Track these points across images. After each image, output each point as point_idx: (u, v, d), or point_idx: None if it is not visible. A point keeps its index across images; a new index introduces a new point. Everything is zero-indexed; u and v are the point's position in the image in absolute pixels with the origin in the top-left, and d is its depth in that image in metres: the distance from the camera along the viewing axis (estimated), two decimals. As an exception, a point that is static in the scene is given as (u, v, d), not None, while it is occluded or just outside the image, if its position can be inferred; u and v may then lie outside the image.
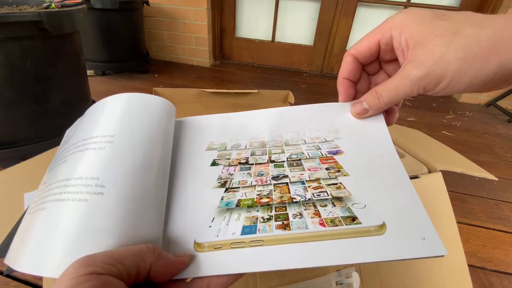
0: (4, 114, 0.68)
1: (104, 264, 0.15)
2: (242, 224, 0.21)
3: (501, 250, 0.64)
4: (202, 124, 0.31)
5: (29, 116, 0.71)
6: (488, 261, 0.61)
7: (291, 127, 0.30)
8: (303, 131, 0.29)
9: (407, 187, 0.23)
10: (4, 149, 0.70)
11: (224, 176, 0.25)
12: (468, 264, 0.36)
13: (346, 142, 0.27)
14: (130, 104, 0.26)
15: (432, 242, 0.19)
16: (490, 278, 0.58)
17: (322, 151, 0.27)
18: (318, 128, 0.29)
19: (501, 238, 0.68)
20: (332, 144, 0.27)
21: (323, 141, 0.28)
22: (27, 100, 0.70)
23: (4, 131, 0.70)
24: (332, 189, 0.23)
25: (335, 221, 0.21)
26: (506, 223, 0.72)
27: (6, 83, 0.65)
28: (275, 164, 0.26)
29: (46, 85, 0.72)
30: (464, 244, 0.37)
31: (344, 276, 0.32)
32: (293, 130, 0.30)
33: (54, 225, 0.18)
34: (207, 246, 0.20)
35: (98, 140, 0.22)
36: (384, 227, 0.20)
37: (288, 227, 0.20)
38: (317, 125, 0.30)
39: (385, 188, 0.23)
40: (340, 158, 0.26)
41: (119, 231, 0.18)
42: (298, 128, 0.30)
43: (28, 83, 0.68)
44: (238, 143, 0.29)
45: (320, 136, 0.29)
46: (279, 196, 0.23)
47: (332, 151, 0.27)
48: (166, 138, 0.26)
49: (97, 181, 0.19)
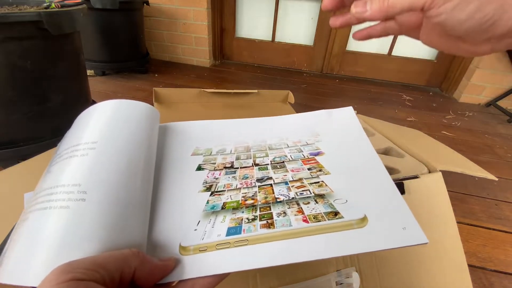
0: (4, 114, 0.68)
1: (86, 270, 0.14)
2: (227, 226, 0.21)
3: (501, 250, 0.64)
4: (187, 129, 0.32)
5: (29, 116, 0.71)
6: (488, 261, 0.61)
7: (274, 133, 0.32)
8: (286, 136, 0.31)
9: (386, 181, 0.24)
10: (4, 149, 0.70)
11: (210, 180, 0.25)
12: (468, 264, 0.36)
13: (326, 144, 0.29)
14: (113, 111, 0.27)
15: (413, 231, 0.20)
16: (490, 278, 0.58)
17: (304, 153, 0.28)
18: (300, 133, 0.31)
19: (501, 238, 0.67)
20: (313, 146, 0.29)
21: (304, 144, 0.29)
22: (27, 100, 0.70)
23: (4, 131, 0.70)
24: (315, 187, 0.24)
25: (318, 217, 0.21)
26: (506, 223, 0.72)
27: (6, 83, 0.65)
28: (259, 167, 0.27)
29: (46, 85, 0.72)
30: (464, 244, 0.37)
31: (344, 276, 0.32)
32: (277, 135, 0.31)
33: (37, 234, 0.18)
34: (192, 249, 0.20)
35: (81, 147, 0.22)
36: (365, 220, 0.21)
37: (272, 226, 0.21)
38: (299, 131, 0.32)
39: (364, 183, 0.24)
40: (321, 159, 0.27)
41: (102, 237, 0.18)
42: (281, 134, 0.32)
43: (28, 83, 0.68)
44: (224, 148, 0.29)
45: (302, 140, 0.30)
46: (263, 197, 0.23)
47: (314, 152, 0.28)
48: (150, 143, 0.26)
49: (79, 188, 0.19)
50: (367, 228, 0.20)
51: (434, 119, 1.32)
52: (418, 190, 0.36)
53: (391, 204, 0.22)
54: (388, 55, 1.69)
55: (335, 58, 1.77)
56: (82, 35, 0.85)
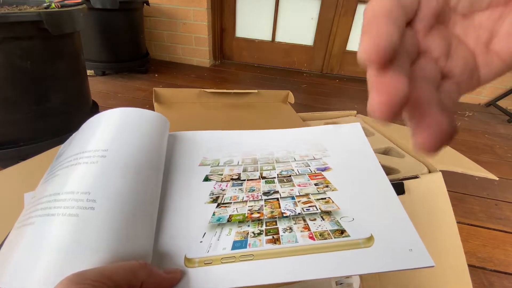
0: (4, 114, 0.68)
1: (94, 281, 0.14)
2: (233, 239, 0.21)
3: (501, 250, 0.64)
4: (196, 139, 0.32)
5: (29, 116, 0.71)
6: (488, 261, 0.61)
7: (282, 146, 0.32)
8: (293, 149, 0.31)
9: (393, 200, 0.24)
10: (4, 149, 0.70)
11: (216, 192, 0.25)
12: (468, 264, 0.36)
13: (333, 160, 0.29)
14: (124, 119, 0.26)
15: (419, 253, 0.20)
16: (490, 278, 0.58)
17: (311, 168, 0.28)
18: (307, 147, 0.31)
19: (501, 238, 0.67)
20: (320, 161, 0.29)
21: (312, 159, 0.29)
22: (27, 100, 0.70)
23: (4, 131, 0.70)
24: (321, 203, 0.24)
25: (324, 234, 0.21)
26: (506, 223, 0.72)
27: (6, 83, 0.65)
28: (266, 180, 0.27)
29: (46, 85, 0.72)
30: (464, 244, 0.37)
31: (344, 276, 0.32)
32: (284, 149, 0.31)
33: (42, 240, 0.17)
34: (197, 261, 0.20)
35: (91, 154, 0.22)
36: (372, 240, 0.20)
37: (278, 241, 0.21)
38: (306, 145, 0.31)
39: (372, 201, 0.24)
40: (328, 174, 0.27)
41: (109, 247, 0.18)
42: (288, 147, 0.31)
43: (28, 83, 0.68)
44: (231, 159, 0.29)
45: (309, 154, 0.30)
46: (269, 211, 0.23)
47: (321, 167, 0.28)
48: (159, 153, 0.26)
49: (88, 196, 0.19)
50: (374, 248, 0.20)
51: (434, 119, 1.32)
52: (418, 190, 0.36)
53: (398, 224, 0.22)
54: (388, 55, 1.69)
55: (335, 58, 1.77)
56: (82, 35, 0.85)
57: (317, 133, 0.33)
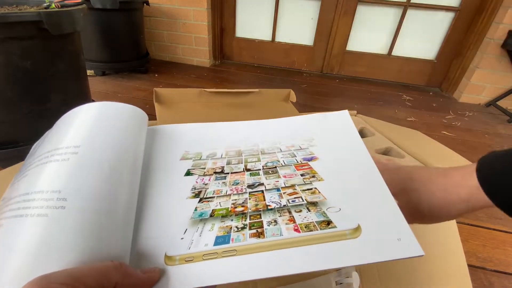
0: (4, 114, 0.68)
1: (61, 284, 0.13)
2: (216, 235, 0.20)
3: (501, 250, 0.64)
4: (177, 132, 0.31)
5: (29, 116, 0.71)
6: (488, 261, 0.61)
7: (267, 137, 0.31)
8: (279, 140, 0.30)
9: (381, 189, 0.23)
10: (4, 149, 0.70)
11: (199, 186, 0.24)
12: (468, 264, 0.36)
13: (320, 149, 0.28)
14: (98, 114, 0.25)
15: (408, 242, 0.19)
16: (490, 278, 0.58)
17: (298, 158, 0.27)
18: (293, 137, 0.30)
19: (501, 238, 0.67)
20: (307, 151, 0.28)
21: (298, 149, 0.29)
22: (27, 100, 0.69)
23: (4, 131, 0.70)
24: (307, 194, 0.23)
25: (310, 226, 0.20)
26: (506, 223, 0.72)
27: (6, 83, 0.65)
28: (251, 173, 0.26)
29: (46, 85, 0.72)
30: (464, 244, 0.37)
31: (344, 276, 0.32)
32: (270, 139, 0.30)
33: (11, 243, 0.17)
34: (178, 259, 0.19)
35: (62, 151, 0.21)
36: (359, 230, 0.20)
37: (262, 235, 0.20)
38: (292, 135, 0.31)
39: (359, 190, 0.23)
40: (315, 164, 0.26)
41: (82, 247, 0.17)
42: (274, 138, 0.30)
43: (28, 83, 0.68)
44: (214, 152, 0.29)
45: (295, 144, 0.29)
46: (254, 204, 0.23)
47: (307, 157, 0.27)
48: (137, 148, 0.25)
49: (58, 195, 0.18)
50: (361, 238, 0.19)
51: (434, 119, 1.32)
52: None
53: (386, 213, 0.21)
54: (388, 55, 1.69)
55: (335, 58, 1.77)
56: (82, 35, 0.85)
57: (303, 122, 0.32)
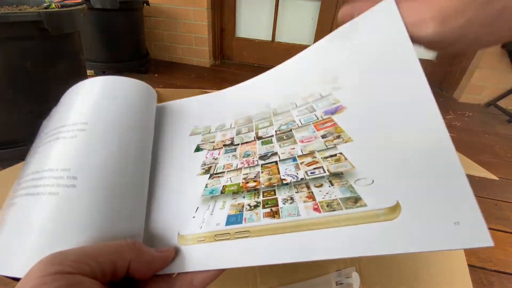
0: (4, 114, 0.68)
1: (74, 262, 0.13)
2: (227, 213, 0.18)
3: (501, 250, 0.64)
4: (185, 108, 0.29)
5: (29, 116, 0.71)
6: (488, 261, 0.61)
7: (279, 91, 0.25)
8: (294, 90, 0.24)
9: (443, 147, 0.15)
10: (4, 149, 0.70)
11: (208, 162, 0.23)
12: (468, 264, 0.36)
13: (347, 92, 0.21)
14: (105, 89, 0.24)
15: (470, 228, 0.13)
16: (490, 278, 0.58)
17: (317, 113, 0.21)
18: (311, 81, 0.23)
19: (501, 238, 0.67)
20: (329, 99, 0.21)
21: (318, 99, 0.22)
22: (27, 100, 0.69)
23: (4, 131, 0.70)
24: (330, 162, 0.18)
25: (332, 204, 0.17)
26: (506, 223, 0.72)
27: (6, 83, 0.65)
28: (262, 141, 0.22)
29: (46, 85, 0.72)
30: (464, 244, 0.37)
31: (344, 276, 0.32)
32: (282, 93, 0.25)
33: (24, 221, 0.17)
34: (190, 238, 0.18)
35: (69, 128, 0.21)
36: (397, 210, 0.15)
37: (277, 215, 0.17)
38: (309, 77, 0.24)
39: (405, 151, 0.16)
40: (341, 118, 0.20)
41: (94, 226, 0.17)
42: (287, 90, 0.25)
43: (28, 83, 0.68)
44: (223, 123, 0.26)
45: (314, 92, 0.23)
46: (267, 179, 0.20)
47: (330, 109, 0.21)
48: (146, 124, 0.25)
49: (68, 173, 0.18)
50: (399, 221, 0.14)
51: (434, 119, 1.32)
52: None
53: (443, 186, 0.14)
54: (388, 55, 1.69)
55: (335, 58, 1.77)
56: (82, 35, 0.85)
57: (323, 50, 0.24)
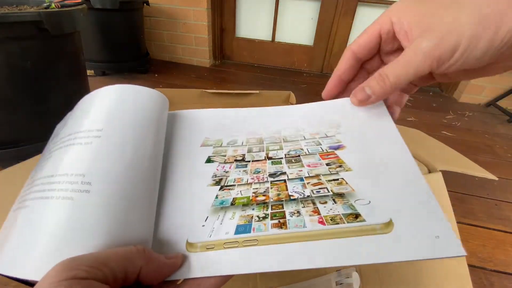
0: (4, 114, 0.68)
1: (89, 267, 0.14)
2: (236, 223, 0.20)
3: (501, 250, 0.64)
4: (197, 118, 0.30)
5: (29, 116, 0.71)
6: (488, 261, 0.61)
7: (290, 124, 0.29)
8: (303, 126, 0.28)
9: (417, 180, 0.21)
10: (4, 149, 0.70)
11: (219, 174, 0.24)
12: (468, 264, 0.36)
13: (348, 137, 0.26)
14: (120, 96, 0.25)
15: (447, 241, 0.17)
16: (490, 278, 0.58)
17: (323, 147, 0.25)
18: (318, 124, 0.28)
19: (501, 238, 0.68)
20: (333, 139, 0.26)
21: (323, 137, 0.27)
22: (27, 100, 0.69)
23: (4, 131, 0.70)
24: (333, 185, 0.22)
25: (335, 218, 0.19)
26: (506, 223, 0.72)
27: (6, 83, 0.65)
28: (272, 161, 0.25)
29: (46, 85, 0.72)
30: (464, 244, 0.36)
31: (344, 276, 0.32)
32: (292, 126, 0.29)
33: (37, 224, 0.17)
34: (199, 246, 0.19)
35: (85, 134, 0.21)
36: (391, 225, 0.18)
37: (284, 226, 0.19)
38: (317, 121, 0.28)
39: (392, 181, 0.21)
40: (342, 153, 0.24)
41: (106, 231, 0.17)
42: (297, 124, 0.29)
43: (28, 83, 0.68)
44: (235, 139, 0.28)
45: (320, 131, 0.27)
46: (276, 194, 0.22)
47: (333, 146, 0.25)
48: (158, 132, 0.25)
49: (83, 178, 0.18)
50: (392, 234, 0.18)
51: (434, 119, 1.32)
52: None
53: (423, 208, 0.19)
54: (388, 55, 1.69)
55: (335, 58, 1.77)
56: (82, 35, 0.85)
57: (329, 108, 0.29)
